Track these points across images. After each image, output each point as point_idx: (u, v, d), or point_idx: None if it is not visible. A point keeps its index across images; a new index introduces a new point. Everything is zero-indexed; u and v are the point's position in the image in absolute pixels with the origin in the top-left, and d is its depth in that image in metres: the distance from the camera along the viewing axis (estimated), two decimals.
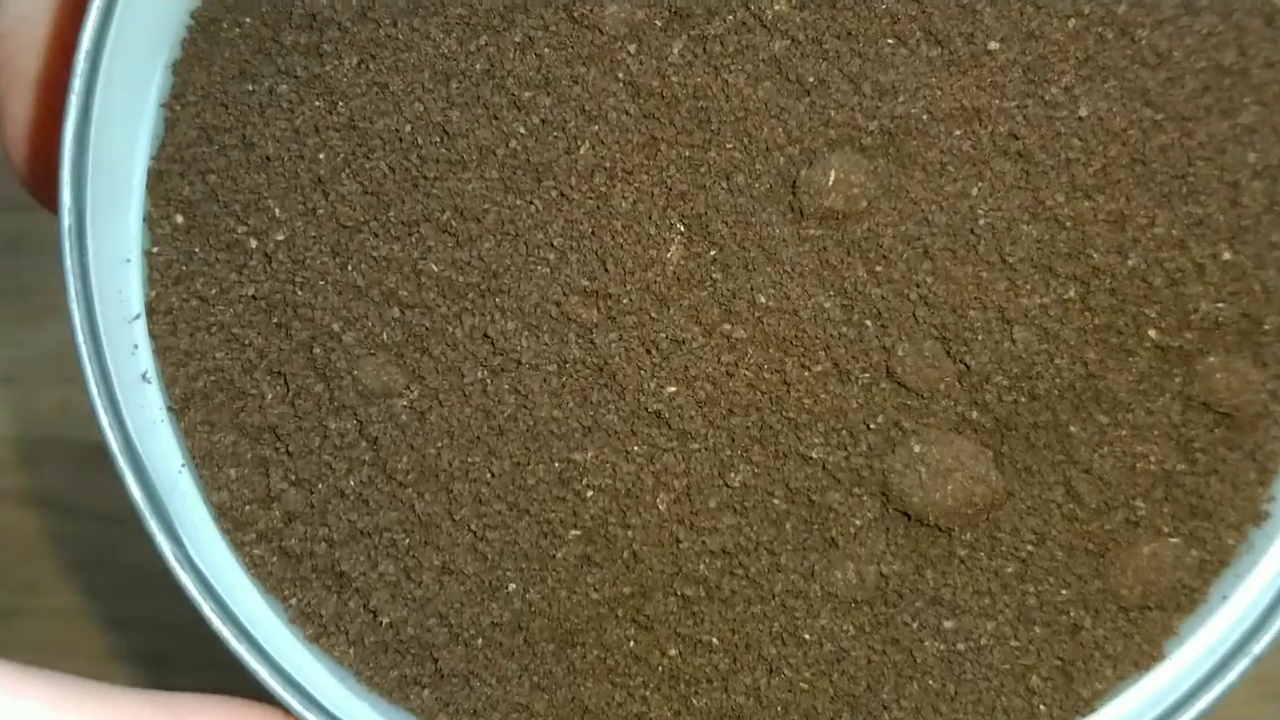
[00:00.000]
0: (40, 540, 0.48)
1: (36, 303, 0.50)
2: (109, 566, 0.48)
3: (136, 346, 0.28)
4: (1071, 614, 0.28)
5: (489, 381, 0.28)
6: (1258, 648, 0.26)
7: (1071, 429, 0.28)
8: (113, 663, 0.47)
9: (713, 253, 0.28)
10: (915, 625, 0.28)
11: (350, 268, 0.28)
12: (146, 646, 0.47)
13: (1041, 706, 0.28)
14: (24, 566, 0.48)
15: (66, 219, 0.27)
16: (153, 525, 0.26)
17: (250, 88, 0.29)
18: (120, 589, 0.47)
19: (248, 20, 0.29)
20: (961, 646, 0.28)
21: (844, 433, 0.28)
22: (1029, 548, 0.28)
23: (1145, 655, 0.28)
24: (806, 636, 0.28)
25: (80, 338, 0.27)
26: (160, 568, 0.26)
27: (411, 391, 0.28)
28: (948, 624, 0.28)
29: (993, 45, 0.27)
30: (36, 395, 0.49)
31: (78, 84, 0.27)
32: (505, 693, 0.28)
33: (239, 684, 0.27)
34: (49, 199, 0.31)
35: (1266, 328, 0.28)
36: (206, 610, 0.26)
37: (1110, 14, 0.27)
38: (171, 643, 0.46)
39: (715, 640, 0.28)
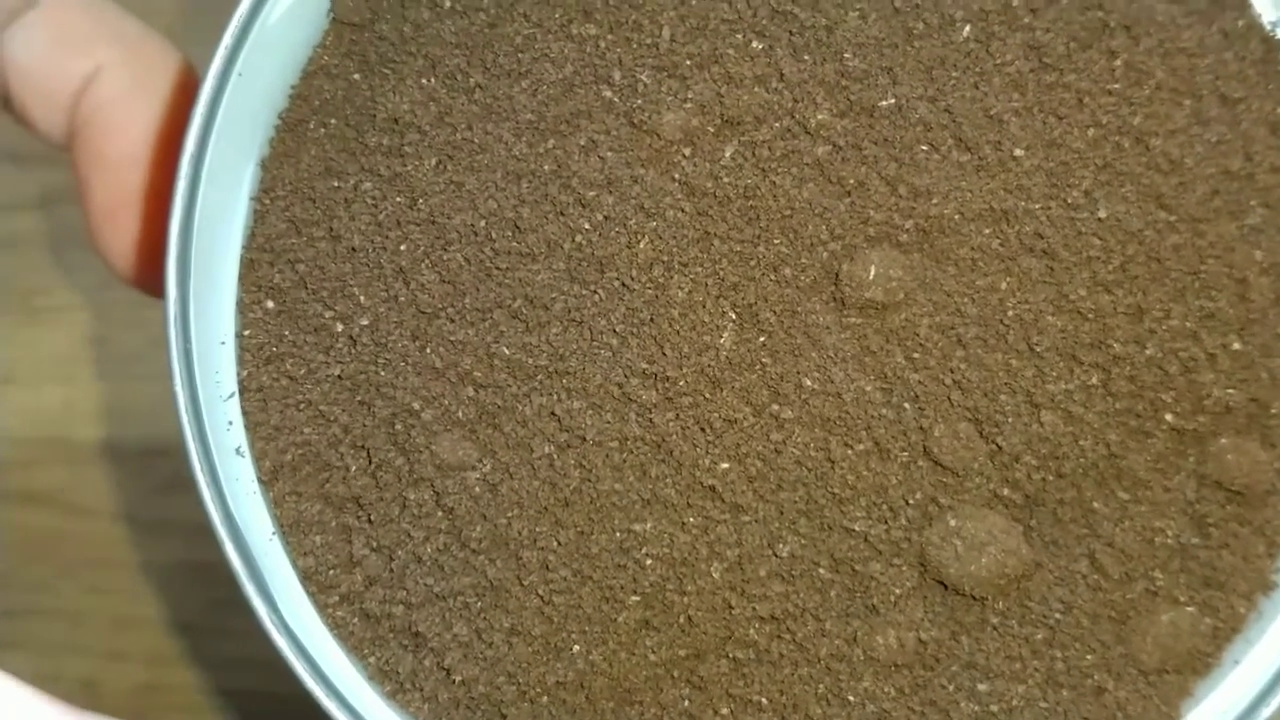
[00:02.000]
0: (41, 540, 0.47)
1: (38, 303, 0.48)
2: (111, 566, 0.47)
3: (231, 423, 0.31)
4: (1096, 677, 0.30)
5: (556, 457, 0.30)
6: (1266, 711, 0.28)
7: (1095, 505, 0.30)
8: (115, 662, 0.47)
9: (762, 339, 0.30)
10: (952, 688, 0.30)
11: (429, 350, 0.30)
12: (149, 646, 0.47)
13: None
14: (25, 566, 0.47)
15: (172, 309, 0.29)
16: (250, 589, 0.29)
17: (336, 184, 0.31)
18: (123, 589, 0.47)
19: (333, 121, 0.31)
20: (995, 708, 0.30)
21: (884, 507, 0.30)
22: (1057, 615, 0.30)
23: (1164, 716, 0.30)
24: (850, 698, 0.30)
25: (185, 418, 0.29)
26: (165, 572, 0.27)
27: (484, 465, 0.30)
28: (982, 687, 0.30)
29: (1018, 152, 0.30)
30: (37, 395, 0.48)
31: (182, 185, 0.30)
32: None
33: (239, 683, 0.28)
34: (130, 276, 0.33)
35: (1274, 411, 0.30)
36: (299, 669, 0.28)
37: (1126, 124, 0.30)
38: (174, 642, 0.46)
39: (765, 700, 0.30)
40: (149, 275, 0.32)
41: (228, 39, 0.30)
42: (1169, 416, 0.30)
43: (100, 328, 0.47)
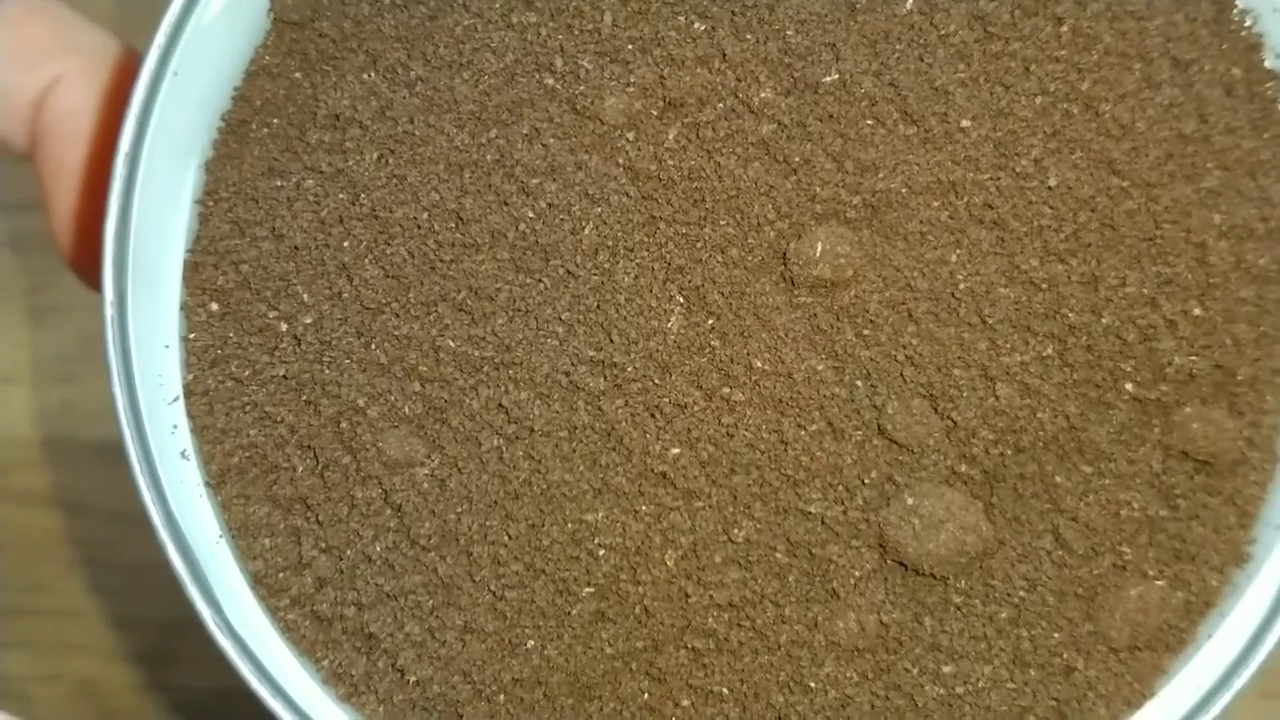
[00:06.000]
0: (42, 540, 0.47)
1: (39, 302, 0.49)
2: (111, 566, 0.47)
3: (176, 426, 0.30)
4: (1064, 656, 0.29)
5: (504, 449, 0.29)
6: (1238, 684, 0.28)
7: (1057, 479, 0.29)
8: (116, 661, 0.47)
9: (710, 322, 0.29)
10: (915, 671, 0.29)
11: (374, 346, 0.30)
12: (149, 645, 0.47)
13: None
14: (26, 566, 0.47)
15: (108, 310, 0.29)
16: (194, 593, 0.28)
17: (279, 183, 0.31)
18: (123, 588, 0.47)
19: (275, 121, 0.31)
20: (960, 690, 0.29)
21: (840, 488, 0.29)
22: (1021, 593, 0.29)
23: (1136, 694, 0.29)
24: (812, 684, 0.29)
25: (123, 419, 0.29)
26: (166, 571, 0.27)
27: (432, 460, 0.30)
28: (946, 669, 0.29)
29: (965, 123, 0.29)
30: (38, 395, 0.48)
31: (117, 185, 0.29)
32: None
33: (239, 682, 0.28)
34: (94, 283, 0.33)
35: (1240, 378, 0.29)
36: (246, 673, 0.28)
37: (1075, 91, 0.29)
38: (174, 641, 0.46)
39: (725, 690, 0.29)
40: (91, 271, 0.32)
41: (160, 38, 0.30)
42: (1129, 386, 0.29)
43: (100, 328, 0.47)
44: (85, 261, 0.33)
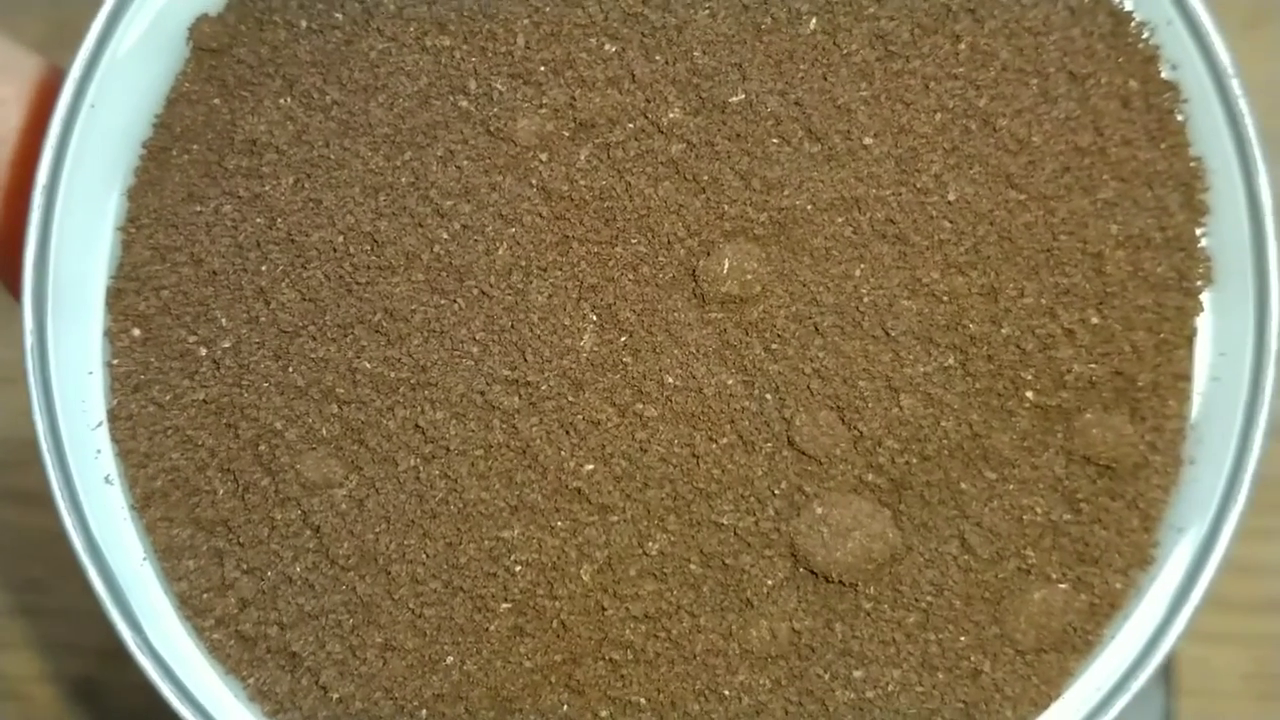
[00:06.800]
0: (41, 539, 0.48)
1: None
2: None
3: (99, 451, 0.31)
4: (971, 659, 0.30)
5: (421, 469, 0.30)
6: (1136, 685, 0.28)
7: (962, 486, 0.30)
8: (114, 661, 0.47)
9: (623, 339, 0.30)
10: (827, 676, 0.30)
11: (291, 369, 0.30)
12: None
13: None
14: (25, 565, 0.48)
15: (29, 339, 0.29)
16: (114, 614, 0.29)
17: (198, 209, 0.31)
18: None
19: (195, 147, 0.31)
20: (871, 694, 0.30)
21: (751, 499, 0.30)
22: (928, 598, 0.30)
23: (1043, 695, 0.30)
24: (727, 693, 0.30)
25: (44, 446, 0.29)
26: None
27: (350, 481, 0.30)
28: (857, 673, 0.30)
29: (867, 140, 0.30)
30: None
31: (35, 216, 0.30)
32: None
33: None
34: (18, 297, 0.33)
35: (1140, 384, 0.30)
36: (165, 690, 0.28)
37: (973, 107, 0.30)
38: None
39: (643, 700, 0.30)
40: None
41: (75, 71, 0.30)
42: (1030, 394, 0.30)
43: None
44: (12, 280, 0.33)
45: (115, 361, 0.31)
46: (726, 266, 0.29)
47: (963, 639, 0.30)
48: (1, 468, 0.48)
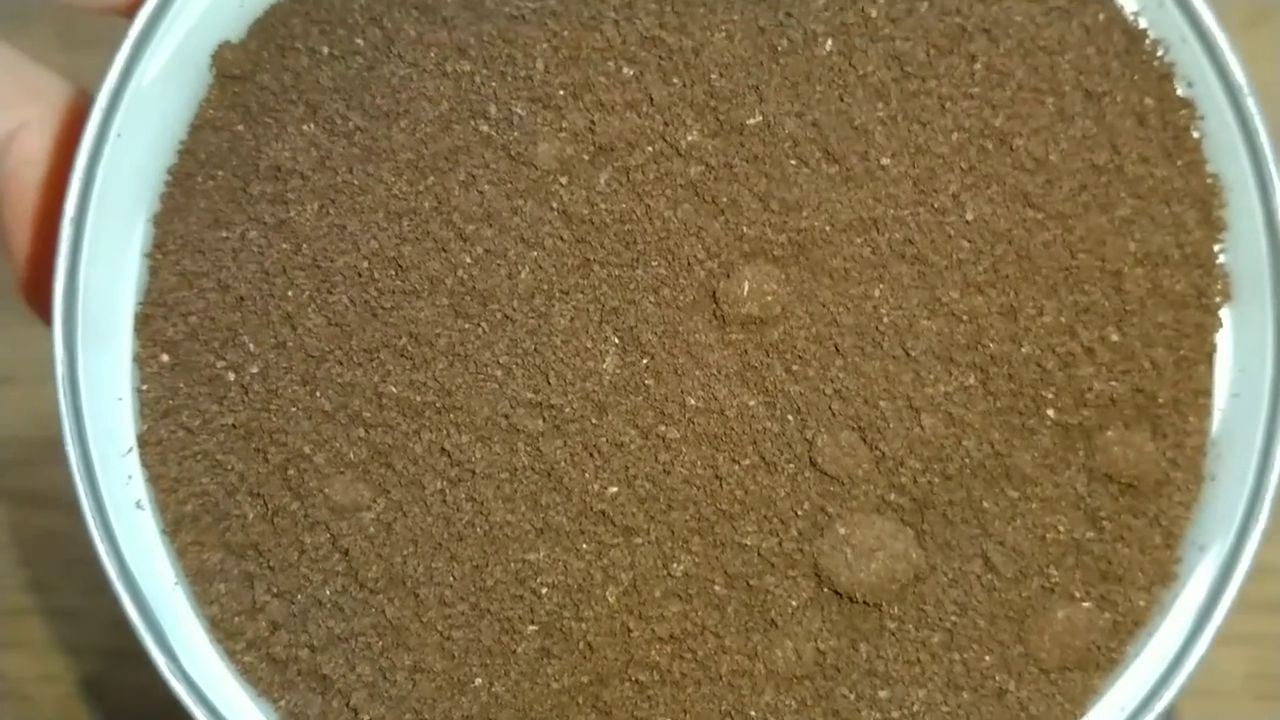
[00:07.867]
0: (41, 540, 0.48)
1: None
2: None
3: (130, 477, 0.31)
4: (996, 678, 0.30)
5: (447, 491, 0.30)
6: (1161, 705, 0.28)
7: (985, 504, 0.30)
8: (114, 660, 0.47)
9: (645, 361, 0.30)
10: (853, 696, 0.30)
11: (318, 394, 0.31)
12: None
13: None
14: (25, 566, 0.48)
15: (59, 368, 0.30)
16: (148, 639, 0.29)
17: (224, 235, 0.32)
18: None
19: (219, 173, 0.32)
20: (896, 714, 0.30)
21: (774, 520, 0.30)
22: (953, 618, 0.30)
23: (1068, 714, 0.30)
24: (753, 713, 0.30)
25: (76, 473, 0.29)
26: None
27: (378, 505, 0.30)
28: (882, 694, 0.30)
29: (885, 160, 0.30)
30: (37, 395, 0.47)
31: (64, 247, 0.30)
32: None
33: None
34: (48, 321, 0.34)
35: (1161, 401, 0.30)
36: (199, 716, 0.29)
37: (989, 126, 0.30)
38: None
39: None
40: (49, 312, 0.33)
41: (101, 102, 0.30)
42: (1051, 412, 0.30)
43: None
44: (40, 302, 0.34)
45: (144, 387, 0.32)
46: (746, 288, 0.30)
47: (987, 658, 0.30)
48: (1, 468, 0.48)
